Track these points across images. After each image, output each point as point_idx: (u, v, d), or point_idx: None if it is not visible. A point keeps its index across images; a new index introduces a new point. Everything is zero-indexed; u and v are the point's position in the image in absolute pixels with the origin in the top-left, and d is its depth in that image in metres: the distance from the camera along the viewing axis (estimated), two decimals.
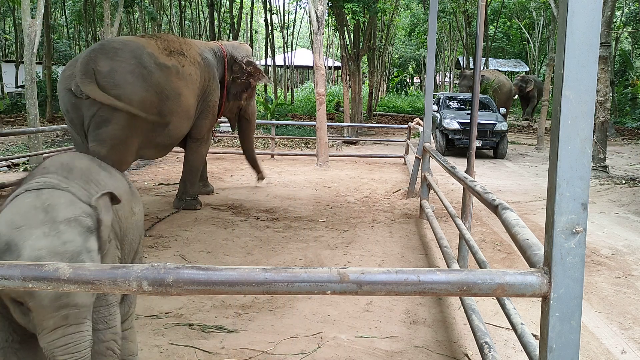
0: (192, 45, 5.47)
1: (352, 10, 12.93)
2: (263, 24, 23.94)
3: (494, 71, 18.67)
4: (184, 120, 5.13)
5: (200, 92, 5.33)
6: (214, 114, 5.62)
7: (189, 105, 5.11)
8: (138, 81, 4.62)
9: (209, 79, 5.44)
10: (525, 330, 1.90)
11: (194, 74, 5.19)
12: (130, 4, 15.85)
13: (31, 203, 1.57)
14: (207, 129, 5.62)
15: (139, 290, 1.31)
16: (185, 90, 5.03)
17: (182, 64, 5.08)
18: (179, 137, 5.27)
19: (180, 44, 5.26)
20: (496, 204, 2.04)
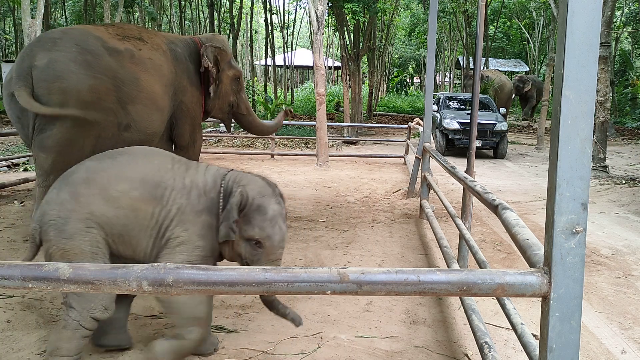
0: (157, 35, 5.04)
1: (352, 10, 12.94)
2: (263, 24, 23.94)
3: (496, 71, 18.67)
4: (151, 110, 4.58)
5: (170, 84, 4.81)
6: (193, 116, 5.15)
7: (153, 93, 4.58)
8: (83, 69, 4.14)
9: (177, 73, 4.93)
10: (525, 330, 1.90)
11: (156, 60, 4.70)
12: (130, 4, 15.87)
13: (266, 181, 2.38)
14: (189, 133, 5.16)
15: (139, 290, 1.31)
16: (145, 75, 4.54)
17: (139, 48, 4.60)
18: (151, 133, 4.70)
19: (139, 31, 4.86)
20: (496, 204, 2.04)
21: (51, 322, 2.77)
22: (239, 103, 5.55)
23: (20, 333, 2.63)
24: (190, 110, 5.03)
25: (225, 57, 5.22)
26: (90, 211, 2.12)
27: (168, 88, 4.73)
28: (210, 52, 5.13)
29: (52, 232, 2.11)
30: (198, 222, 2.24)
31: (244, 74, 31.59)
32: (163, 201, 2.20)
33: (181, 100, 4.93)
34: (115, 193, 2.15)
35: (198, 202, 2.25)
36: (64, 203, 2.13)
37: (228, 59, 5.28)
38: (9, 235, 4.34)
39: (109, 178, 2.18)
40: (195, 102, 5.10)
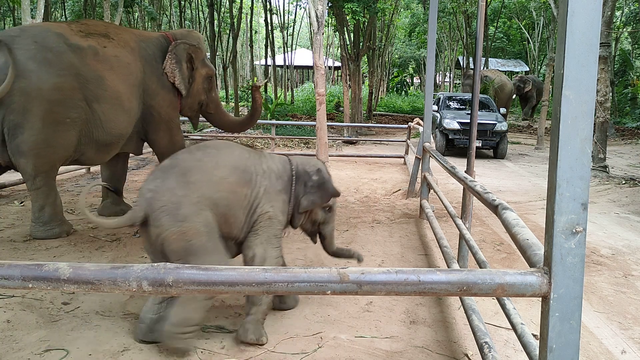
0: (126, 31, 4.73)
1: (352, 10, 12.94)
2: (263, 24, 23.94)
3: (496, 71, 18.67)
4: (117, 110, 4.35)
5: (138, 84, 4.53)
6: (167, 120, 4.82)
7: (118, 92, 4.34)
8: (44, 67, 3.95)
9: (147, 74, 4.64)
10: (525, 330, 1.90)
11: (122, 57, 4.42)
12: (130, 4, 15.85)
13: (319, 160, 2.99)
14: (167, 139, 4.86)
15: (139, 290, 1.32)
16: (110, 74, 4.29)
17: (104, 45, 4.33)
18: (118, 135, 4.45)
19: (106, 27, 4.57)
20: (496, 204, 2.04)
21: (51, 322, 2.77)
22: (208, 102, 5.33)
23: (20, 333, 2.63)
24: (163, 115, 4.79)
25: (199, 55, 5.00)
26: (201, 194, 2.38)
27: (136, 88, 4.52)
28: (182, 50, 4.86)
29: (164, 217, 2.31)
30: (279, 200, 2.69)
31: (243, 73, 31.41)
32: (252, 184, 2.60)
33: (150, 104, 4.67)
34: (217, 179, 2.46)
35: (277, 183, 2.71)
36: (174, 190, 2.35)
37: (202, 56, 5.08)
38: (8, 235, 4.34)
39: (208, 166, 2.48)
40: (169, 105, 4.85)
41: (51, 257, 3.84)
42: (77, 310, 2.92)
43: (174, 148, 4.74)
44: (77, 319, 2.81)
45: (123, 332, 2.67)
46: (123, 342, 2.55)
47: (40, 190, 4.17)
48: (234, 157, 2.60)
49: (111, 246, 4.14)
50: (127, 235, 4.43)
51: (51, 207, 4.26)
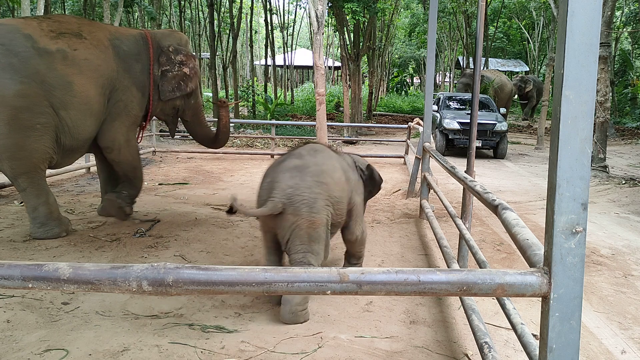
0: (100, 29, 4.58)
1: (352, 10, 12.94)
2: (263, 24, 23.94)
3: (496, 71, 18.66)
4: (85, 116, 4.26)
5: (107, 84, 4.41)
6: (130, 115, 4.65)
7: (88, 97, 4.23)
8: (7, 73, 3.86)
9: (119, 72, 4.51)
10: (525, 330, 1.90)
11: (93, 60, 4.28)
12: (129, 4, 15.86)
13: None
14: (122, 132, 4.63)
15: (139, 290, 1.32)
16: (79, 79, 4.17)
17: (74, 47, 4.19)
18: (84, 139, 4.39)
19: (79, 25, 4.40)
20: (496, 204, 2.04)
21: (51, 322, 2.77)
22: (185, 108, 5.11)
23: (20, 333, 2.63)
24: (129, 109, 4.63)
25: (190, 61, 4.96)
26: (329, 194, 2.94)
27: (104, 89, 4.42)
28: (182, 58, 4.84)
29: (304, 208, 2.84)
30: (361, 190, 3.42)
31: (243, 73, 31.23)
32: (349, 181, 3.19)
33: (119, 98, 4.55)
34: (336, 180, 3.03)
35: (355, 177, 3.34)
36: (312, 187, 2.88)
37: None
38: (8, 235, 4.34)
39: (330, 170, 3.03)
40: (136, 102, 4.69)
41: (51, 257, 3.84)
42: (77, 310, 2.92)
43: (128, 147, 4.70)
44: (77, 319, 2.81)
45: (123, 332, 2.67)
46: (123, 342, 2.55)
47: (27, 191, 4.17)
48: (334, 160, 3.18)
49: (111, 246, 4.14)
50: (127, 235, 4.43)
51: (44, 206, 4.24)
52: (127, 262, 2.36)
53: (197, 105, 5.20)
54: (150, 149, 9.92)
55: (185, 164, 9.11)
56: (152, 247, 4.15)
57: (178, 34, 5.11)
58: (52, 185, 6.68)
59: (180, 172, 8.05)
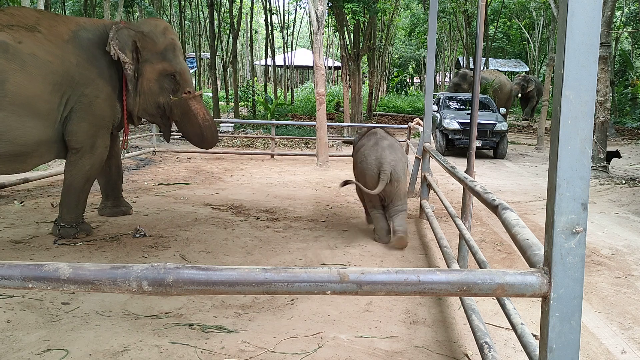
0: (65, 22, 4.19)
1: (352, 10, 12.95)
2: (263, 24, 23.95)
3: (494, 71, 18.67)
4: (21, 117, 3.83)
5: (63, 81, 4.01)
6: (96, 115, 4.22)
7: (26, 97, 3.81)
8: None
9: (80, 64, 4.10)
10: (525, 330, 1.90)
11: (42, 55, 3.88)
12: (130, 4, 15.86)
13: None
14: (87, 134, 4.20)
15: (139, 290, 1.31)
16: (17, 76, 3.76)
17: (19, 40, 3.81)
18: (28, 144, 3.94)
19: (38, 19, 4.03)
20: (496, 204, 2.04)
21: (51, 322, 2.77)
22: (172, 106, 4.52)
23: (20, 333, 2.63)
24: (93, 105, 4.17)
25: (149, 46, 4.36)
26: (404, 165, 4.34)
27: (58, 86, 3.98)
28: (126, 37, 4.27)
29: (402, 174, 4.25)
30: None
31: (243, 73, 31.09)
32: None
33: (82, 92, 4.11)
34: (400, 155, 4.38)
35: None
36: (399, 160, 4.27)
37: (158, 49, 4.39)
38: (8, 235, 4.34)
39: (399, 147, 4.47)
40: (103, 98, 4.23)
41: (51, 257, 3.84)
42: (77, 310, 2.92)
43: (92, 151, 4.26)
44: (77, 319, 2.81)
45: (123, 332, 2.67)
46: (123, 342, 2.55)
47: None
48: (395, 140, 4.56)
49: (111, 246, 4.14)
50: (127, 235, 4.43)
51: None
52: (127, 262, 2.36)
53: (184, 101, 4.58)
54: (150, 149, 9.92)
55: (185, 164, 9.11)
56: (152, 247, 4.15)
57: (154, 21, 4.60)
58: (52, 185, 6.68)
59: (180, 172, 8.05)
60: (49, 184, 6.74)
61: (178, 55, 4.52)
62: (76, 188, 4.32)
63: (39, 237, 4.33)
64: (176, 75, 4.48)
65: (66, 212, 4.32)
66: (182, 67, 4.52)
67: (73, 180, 4.30)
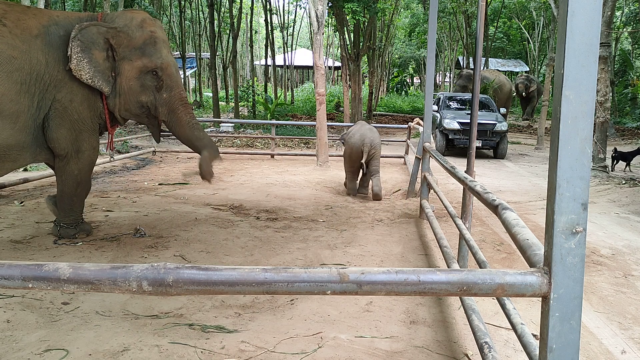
0: (36, 16, 3.91)
1: (352, 10, 12.95)
2: (263, 24, 23.95)
3: (494, 71, 18.67)
4: None
5: (31, 80, 3.74)
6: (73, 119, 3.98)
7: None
8: None
9: (49, 64, 3.84)
10: (525, 330, 1.90)
11: (5, 50, 3.58)
12: (130, 4, 15.87)
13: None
14: (68, 140, 3.99)
15: (139, 290, 1.32)
16: None
17: None
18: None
19: (5, 12, 3.74)
20: (496, 204, 2.04)
21: (51, 322, 2.77)
22: (157, 105, 4.21)
23: (20, 333, 2.63)
24: (69, 110, 3.94)
25: (125, 42, 4.05)
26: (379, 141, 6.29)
27: (26, 86, 3.71)
28: (95, 35, 3.90)
29: (378, 146, 6.23)
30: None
31: (243, 73, 31.08)
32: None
33: (55, 97, 3.86)
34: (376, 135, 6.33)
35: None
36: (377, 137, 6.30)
37: (135, 44, 4.08)
38: (8, 235, 4.34)
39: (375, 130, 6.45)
40: (79, 100, 3.97)
41: (51, 257, 3.84)
42: (77, 310, 2.92)
43: (77, 156, 4.06)
44: (77, 319, 2.81)
45: (123, 332, 2.67)
46: (123, 342, 2.55)
47: None
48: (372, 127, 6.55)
49: (111, 246, 4.14)
50: (127, 235, 4.43)
51: None
52: (127, 262, 2.36)
53: (171, 99, 4.21)
54: (150, 149, 9.92)
55: (186, 164, 9.11)
56: (152, 247, 4.15)
57: (130, 14, 4.24)
58: (53, 185, 6.68)
59: (180, 172, 8.05)
60: (49, 184, 6.74)
61: (160, 49, 4.16)
62: (69, 193, 4.21)
63: (39, 237, 4.33)
64: (158, 71, 4.14)
65: (63, 215, 4.27)
66: (165, 61, 4.16)
67: (64, 186, 4.19)
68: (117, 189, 6.59)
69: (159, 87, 4.18)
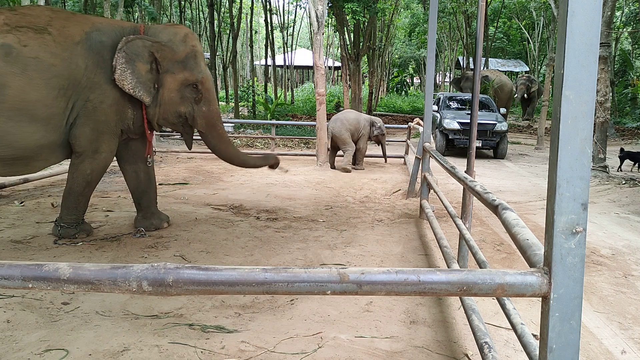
0: (79, 22, 4.07)
1: (352, 10, 12.95)
2: (263, 24, 23.95)
3: (495, 71, 18.67)
4: (20, 122, 3.78)
5: (68, 84, 3.92)
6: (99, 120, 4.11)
7: (24, 101, 3.74)
8: None
9: (88, 68, 3.99)
10: (525, 330, 1.90)
11: (47, 58, 3.79)
12: (130, 4, 15.88)
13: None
14: (89, 139, 4.11)
15: (139, 291, 1.32)
16: (16, 80, 3.69)
17: (25, 43, 3.72)
18: (28, 148, 3.89)
19: (51, 19, 3.92)
20: (496, 204, 2.04)
21: (51, 322, 2.77)
22: (195, 116, 4.39)
23: (20, 333, 2.63)
24: (98, 111, 4.08)
25: (169, 55, 4.21)
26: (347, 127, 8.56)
27: (66, 90, 3.91)
28: (141, 49, 4.07)
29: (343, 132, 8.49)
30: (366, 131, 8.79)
31: (243, 73, 31.15)
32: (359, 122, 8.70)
33: (87, 97, 4.03)
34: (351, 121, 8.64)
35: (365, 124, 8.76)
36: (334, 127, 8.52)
37: (178, 57, 4.24)
38: (8, 235, 4.34)
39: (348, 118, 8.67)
40: (109, 103, 4.12)
41: (51, 257, 3.84)
42: (77, 310, 2.92)
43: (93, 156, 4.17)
44: (77, 319, 2.81)
45: (123, 332, 2.67)
46: (123, 342, 2.55)
47: None
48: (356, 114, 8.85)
49: (111, 246, 4.14)
50: (127, 235, 4.43)
51: None
52: (127, 262, 2.36)
53: (210, 113, 4.44)
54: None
55: (186, 164, 9.11)
56: (152, 247, 4.15)
57: (174, 29, 4.38)
58: (53, 185, 6.68)
59: (180, 172, 8.05)
60: (49, 184, 6.74)
61: (200, 63, 4.37)
62: (76, 191, 4.27)
63: (39, 237, 4.33)
64: (198, 85, 4.33)
65: (66, 213, 4.30)
66: (205, 75, 4.38)
67: (74, 183, 4.25)
68: (117, 189, 6.59)
69: (197, 100, 4.37)
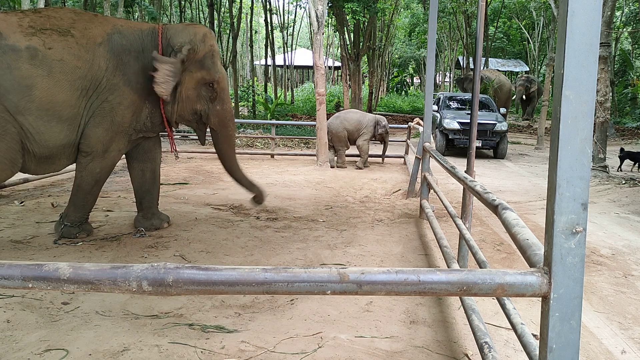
0: (101, 24, 4.16)
1: (352, 10, 12.96)
2: (263, 24, 23.95)
3: (495, 71, 18.67)
4: (49, 122, 3.88)
5: (90, 85, 4.01)
6: (113, 121, 4.15)
7: (52, 102, 3.85)
8: None
9: (109, 70, 4.07)
10: (525, 330, 1.90)
11: (71, 60, 3.89)
12: (130, 4, 15.88)
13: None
14: (101, 140, 4.15)
15: (139, 290, 1.32)
16: (44, 82, 3.78)
17: (50, 46, 3.81)
18: (55, 147, 4.01)
19: (74, 21, 4.02)
20: (496, 204, 2.04)
21: (51, 322, 2.77)
22: (209, 114, 4.49)
23: (20, 333, 2.63)
24: (115, 111, 4.13)
25: (190, 55, 4.27)
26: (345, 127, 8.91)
27: (85, 91, 4.00)
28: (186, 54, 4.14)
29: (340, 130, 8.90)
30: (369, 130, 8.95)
31: (243, 73, 31.19)
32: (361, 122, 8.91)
33: (105, 98, 4.08)
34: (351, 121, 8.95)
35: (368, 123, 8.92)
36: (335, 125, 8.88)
37: (197, 57, 4.30)
38: (8, 235, 4.34)
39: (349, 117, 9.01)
40: (126, 106, 4.17)
41: (51, 257, 3.84)
42: (77, 310, 2.92)
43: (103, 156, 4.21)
44: (77, 319, 2.81)
45: (123, 332, 2.67)
46: (123, 342, 2.55)
47: None
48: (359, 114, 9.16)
49: (111, 246, 4.14)
50: (127, 235, 4.43)
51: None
52: (127, 262, 2.36)
53: (224, 112, 4.53)
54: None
55: (186, 164, 9.11)
56: (152, 247, 4.15)
57: (193, 28, 4.41)
58: (53, 185, 6.68)
59: (180, 172, 8.05)
60: (49, 183, 6.74)
61: (216, 63, 4.45)
62: (85, 190, 4.30)
63: (39, 237, 4.33)
64: (214, 84, 4.41)
65: (73, 210, 4.33)
66: (221, 75, 4.46)
67: (82, 182, 4.27)
68: (117, 189, 6.59)
69: (212, 98, 4.46)
